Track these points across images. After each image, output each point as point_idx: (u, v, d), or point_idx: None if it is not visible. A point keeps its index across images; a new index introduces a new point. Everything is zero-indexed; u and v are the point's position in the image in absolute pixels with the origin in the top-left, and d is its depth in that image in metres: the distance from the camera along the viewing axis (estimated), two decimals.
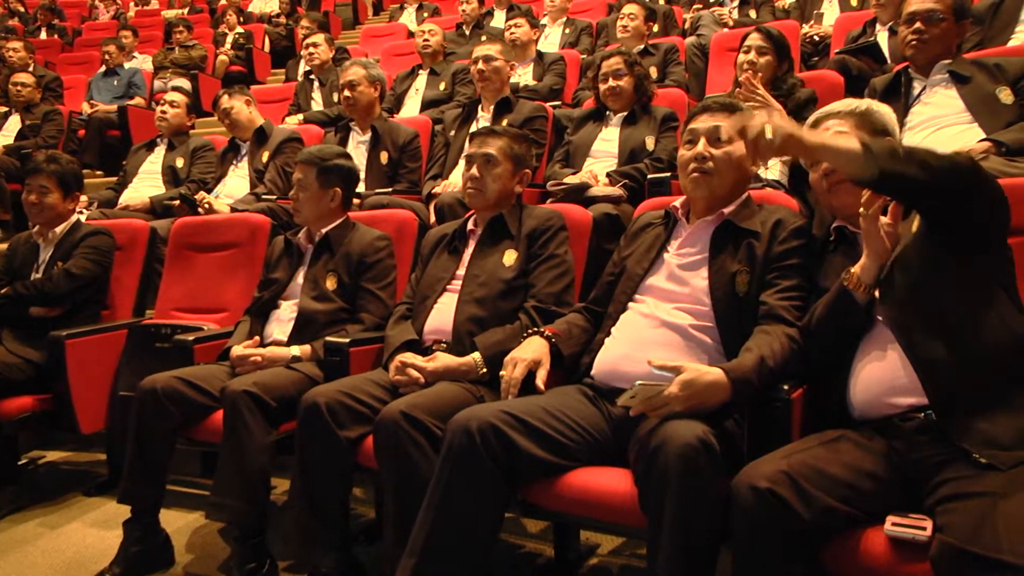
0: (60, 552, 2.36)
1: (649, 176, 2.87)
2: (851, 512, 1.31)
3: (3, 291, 2.79)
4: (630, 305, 1.82)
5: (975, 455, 1.29)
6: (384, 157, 3.56)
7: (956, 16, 2.52)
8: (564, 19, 5.45)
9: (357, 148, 3.61)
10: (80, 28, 9.46)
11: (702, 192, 1.80)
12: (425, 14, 7.19)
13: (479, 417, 1.55)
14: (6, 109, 5.64)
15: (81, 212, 3.17)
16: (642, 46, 4.31)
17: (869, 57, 3.47)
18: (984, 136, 2.32)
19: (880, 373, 1.48)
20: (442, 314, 2.11)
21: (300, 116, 4.93)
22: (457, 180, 3.14)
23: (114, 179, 4.59)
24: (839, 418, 1.53)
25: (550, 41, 5.33)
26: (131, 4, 10.33)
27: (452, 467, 1.54)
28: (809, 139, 1.44)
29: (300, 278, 2.44)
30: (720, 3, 5.75)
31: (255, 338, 2.36)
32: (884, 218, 1.51)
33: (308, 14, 7.56)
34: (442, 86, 4.61)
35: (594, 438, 1.67)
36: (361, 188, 3.23)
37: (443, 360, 1.97)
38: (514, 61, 3.91)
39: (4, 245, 3.69)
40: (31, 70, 6.15)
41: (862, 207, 1.51)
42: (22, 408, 2.59)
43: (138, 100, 6.30)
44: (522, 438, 1.56)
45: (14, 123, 5.49)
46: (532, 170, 2.32)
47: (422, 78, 4.74)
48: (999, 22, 3.29)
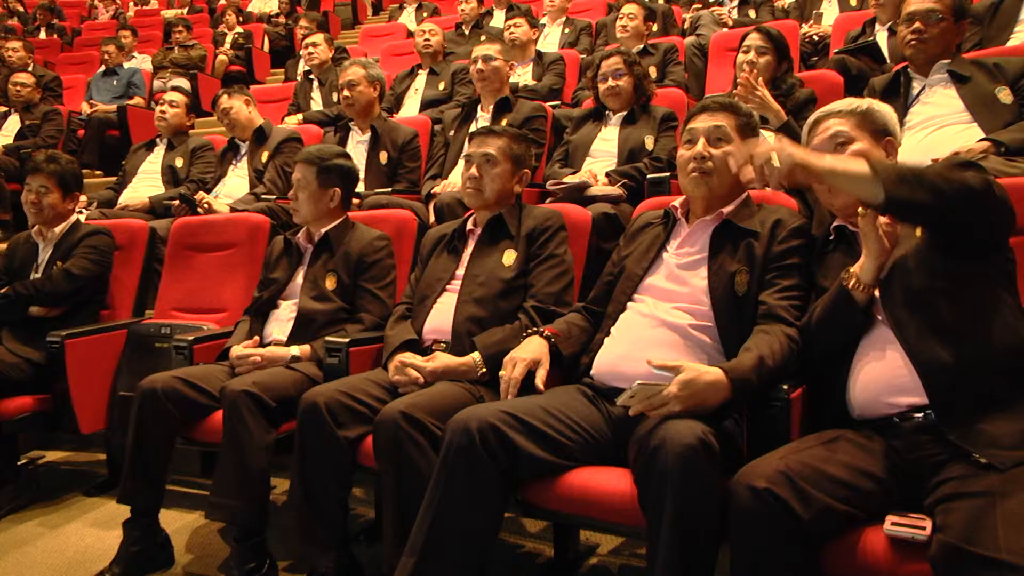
0: (60, 552, 2.36)
1: (648, 176, 2.87)
2: (850, 512, 1.31)
3: (2, 291, 2.79)
4: (629, 305, 1.82)
5: (975, 455, 1.29)
6: (383, 157, 3.56)
7: (955, 16, 2.52)
8: (563, 19, 5.45)
9: (356, 148, 3.61)
10: (79, 28, 9.46)
11: (701, 192, 1.80)
12: (424, 14, 7.19)
13: (479, 417, 1.55)
14: (5, 109, 5.63)
15: (80, 212, 3.16)
16: (641, 46, 4.32)
17: (868, 57, 3.47)
18: (983, 136, 2.32)
19: (880, 373, 1.48)
20: (441, 314, 2.11)
21: (299, 116, 4.93)
22: (456, 180, 3.14)
23: (113, 179, 4.59)
24: (838, 418, 1.53)
25: (549, 41, 5.33)
26: (130, 4, 10.33)
27: (451, 467, 1.54)
28: (816, 164, 1.45)
29: (299, 278, 2.45)
30: (719, 3, 5.75)
31: (255, 338, 2.36)
32: (883, 218, 1.51)
33: (307, 14, 7.55)
34: (441, 86, 4.61)
35: (593, 438, 1.67)
36: (360, 188, 3.23)
37: (442, 360, 1.97)
38: (513, 61, 3.91)
39: (3, 245, 3.69)
40: (30, 70, 6.14)
41: (860, 207, 1.51)
42: (22, 408, 2.59)
43: (137, 100, 6.30)
44: (522, 438, 1.56)
45: (13, 123, 5.49)
46: (531, 170, 2.31)
47: (421, 78, 4.74)
48: (998, 22, 3.30)
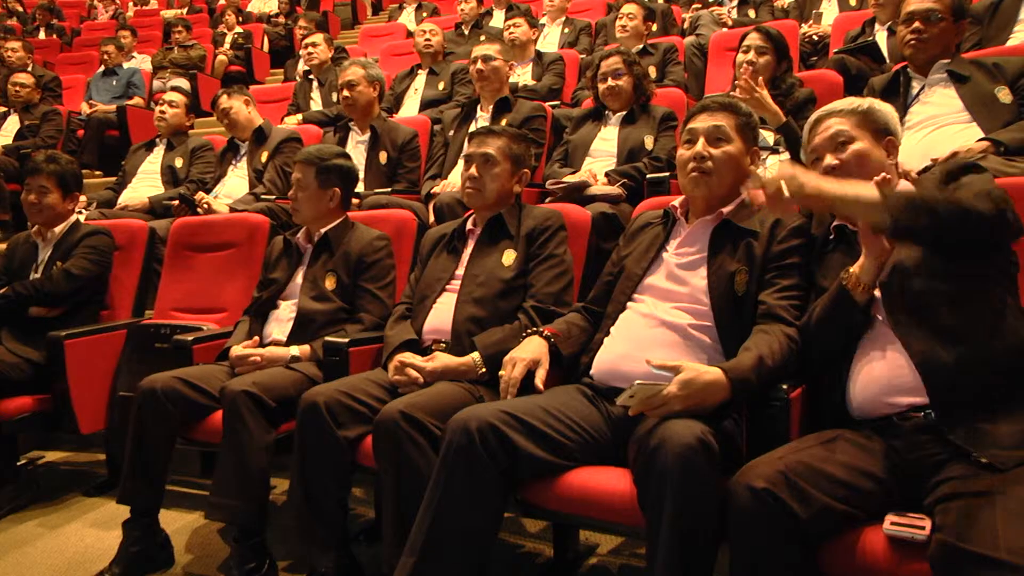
0: (59, 552, 2.36)
1: (648, 176, 2.87)
2: (849, 511, 1.31)
3: (2, 291, 2.79)
4: (629, 305, 1.82)
5: (975, 454, 1.29)
6: (383, 157, 3.56)
7: (955, 16, 2.52)
8: (563, 19, 5.45)
9: (356, 148, 3.61)
10: (79, 28, 9.46)
11: (701, 191, 1.80)
12: (424, 14, 7.19)
13: (478, 417, 1.55)
14: (5, 109, 5.64)
15: (80, 212, 3.16)
16: (641, 46, 4.32)
17: (868, 57, 3.47)
18: (983, 136, 2.32)
19: (880, 372, 1.48)
20: (441, 314, 2.11)
21: (299, 116, 4.93)
22: (456, 180, 3.14)
23: (113, 179, 4.59)
24: (838, 418, 1.53)
25: (549, 41, 5.33)
26: (130, 4, 10.33)
27: (451, 467, 1.54)
28: (827, 190, 1.44)
29: (299, 278, 2.44)
30: (719, 3, 5.75)
31: (254, 338, 2.36)
32: None
33: (305, 14, 7.56)
34: (441, 86, 4.61)
35: (593, 438, 1.67)
36: (360, 188, 3.23)
37: (442, 360, 1.97)
38: (513, 61, 3.91)
39: (3, 245, 3.69)
40: (30, 70, 6.14)
41: None
42: (21, 408, 2.59)
43: (137, 100, 6.30)
44: (521, 438, 1.56)
45: (13, 123, 5.49)
46: (531, 170, 2.31)
47: (421, 78, 4.74)
48: (998, 22, 3.30)
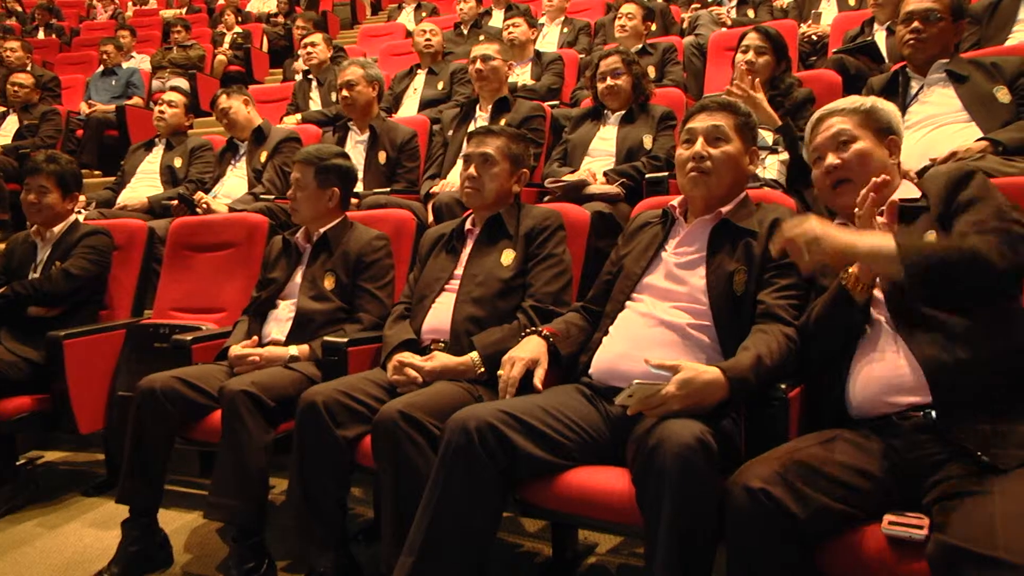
0: (58, 552, 2.36)
1: (647, 176, 2.87)
2: (847, 511, 1.31)
3: (1, 291, 2.79)
4: (628, 304, 1.82)
5: (978, 453, 1.29)
6: (382, 157, 3.56)
7: (954, 15, 2.52)
8: (562, 18, 5.45)
9: (355, 148, 3.61)
10: (78, 28, 9.46)
11: (700, 191, 1.80)
12: (423, 14, 7.19)
13: (477, 416, 1.55)
14: (4, 109, 5.63)
15: (79, 212, 3.16)
16: (640, 45, 4.32)
17: (867, 56, 3.47)
18: (981, 135, 2.32)
19: (880, 372, 1.47)
20: (440, 314, 2.11)
21: (298, 116, 4.93)
22: (455, 180, 3.14)
23: (112, 179, 4.60)
24: (836, 417, 1.53)
25: (548, 40, 5.33)
26: (129, 4, 10.32)
27: (450, 466, 1.54)
28: (843, 246, 1.42)
29: (298, 278, 2.44)
30: (718, 2, 5.76)
31: (253, 338, 2.36)
32: (880, 219, 1.51)
33: (303, 14, 7.55)
34: (440, 86, 4.61)
35: (592, 437, 1.67)
36: (359, 188, 3.23)
37: (441, 360, 1.97)
38: (512, 61, 3.91)
39: (2, 245, 3.68)
40: (29, 70, 6.14)
41: (856, 207, 1.51)
42: (20, 408, 2.59)
43: (136, 100, 6.30)
44: (520, 437, 1.56)
45: (12, 123, 5.49)
46: (530, 170, 2.31)
47: (420, 78, 4.74)
48: (996, 22, 3.30)
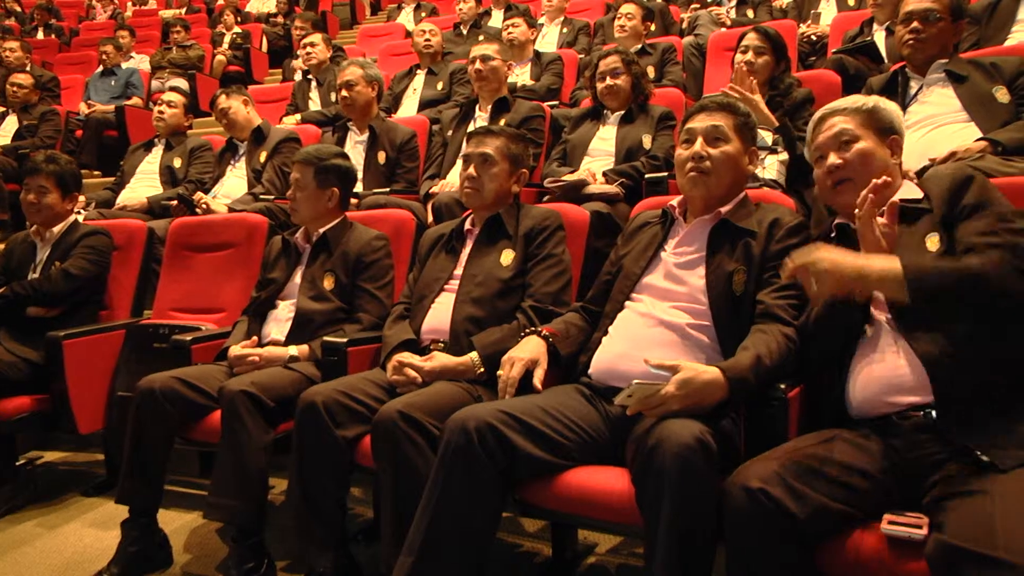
0: (58, 552, 2.36)
1: (647, 176, 2.87)
2: (846, 511, 1.31)
3: (0, 291, 2.79)
4: (627, 304, 1.82)
5: (978, 453, 1.29)
6: (382, 157, 3.56)
7: (953, 16, 2.52)
8: (562, 19, 5.45)
9: (355, 148, 3.61)
10: (77, 28, 9.45)
11: (699, 191, 1.80)
12: (423, 14, 7.19)
13: (476, 416, 1.55)
14: (3, 109, 5.63)
15: (79, 212, 3.16)
16: (639, 46, 4.32)
17: (866, 56, 3.47)
18: (981, 135, 2.32)
19: (880, 372, 1.47)
20: (440, 314, 2.11)
21: (298, 116, 4.93)
22: (454, 180, 3.14)
23: (111, 179, 4.59)
24: (836, 417, 1.53)
25: (547, 41, 5.33)
26: (128, 4, 10.31)
27: (449, 466, 1.54)
28: (849, 270, 1.41)
29: (298, 278, 2.44)
30: (718, 3, 5.75)
31: (253, 338, 2.36)
32: (880, 219, 1.51)
33: (303, 14, 7.54)
34: (440, 86, 4.61)
35: (591, 437, 1.67)
36: (359, 188, 3.23)
37: (440, 360, 1.97)
38: (512, 61, 3.91)
39: (1, 245, 3.68)
40: (28, 70, 6.14)
41: (856, 207, 1.51)
42: (20, 408, 2.59)
43: (135, 100, 6.30)
44: (519, 437, 1.56)
45: (11, 123, 5.48)
46: (529, 170, 2.31)
47: (420, 78, 4.74)
48: (996, 22, 3.30)
